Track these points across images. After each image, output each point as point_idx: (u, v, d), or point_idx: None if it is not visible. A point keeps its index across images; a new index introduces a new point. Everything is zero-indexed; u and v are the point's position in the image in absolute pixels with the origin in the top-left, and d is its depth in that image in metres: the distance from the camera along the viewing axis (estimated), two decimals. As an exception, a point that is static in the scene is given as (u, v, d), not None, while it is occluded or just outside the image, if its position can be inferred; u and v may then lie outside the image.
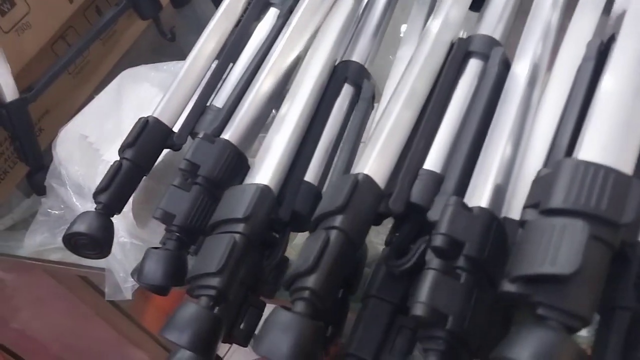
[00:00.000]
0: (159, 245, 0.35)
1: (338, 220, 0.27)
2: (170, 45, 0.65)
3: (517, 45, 0.35)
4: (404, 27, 0.47)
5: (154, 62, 0.57)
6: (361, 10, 0.45)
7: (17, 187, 0.62)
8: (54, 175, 0.49)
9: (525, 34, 0.35)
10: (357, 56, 0.42)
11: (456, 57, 0.35)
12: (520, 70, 0.33)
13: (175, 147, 0.40)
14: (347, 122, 0.39)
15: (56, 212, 0.50)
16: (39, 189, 0.57)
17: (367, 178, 0.28)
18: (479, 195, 0.27)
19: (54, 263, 0.50)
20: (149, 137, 0.39)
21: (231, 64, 0.43)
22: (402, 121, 0.32)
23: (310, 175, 0.36)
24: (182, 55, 0.45)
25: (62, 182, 0.47)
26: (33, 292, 0.69)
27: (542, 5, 0.36)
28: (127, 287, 0.43)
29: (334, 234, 0.26)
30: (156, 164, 0.40)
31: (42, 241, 0.50)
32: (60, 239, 0.50)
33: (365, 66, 0.42)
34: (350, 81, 0.40)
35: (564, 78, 0.31)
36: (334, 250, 0.26)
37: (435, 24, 0.35)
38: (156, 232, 0.42)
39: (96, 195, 0.37)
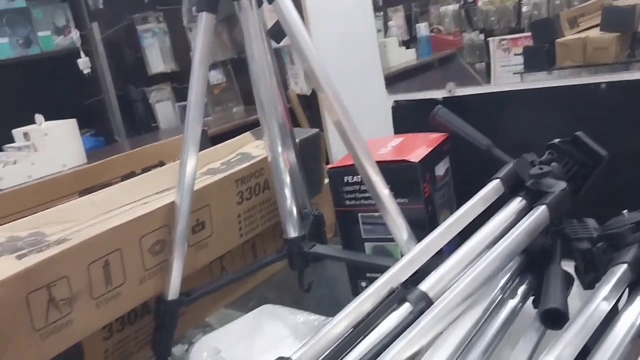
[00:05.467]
0: None
1: None
2: (295, 288, 0.76)
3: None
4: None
5: (278, 298, 0.67)
6: (477, 328, 0.54)
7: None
8: (184, 375, 0.57)
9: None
10: (465, 366, 0.49)
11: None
12: None
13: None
14: None
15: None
16: (156, 379, 0.66)
17: None
18: None
19: None
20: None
21: (362, 336, 0.52)
22: None
23: None
24: (300, 299, 0.52)
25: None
26: None
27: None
28: None
29: None
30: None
31: None
32: None
33: (471, 376, 0.49)
34: (456, 386, 0.47)
35: None
36: None
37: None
38: None
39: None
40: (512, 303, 0.59)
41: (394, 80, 1.49)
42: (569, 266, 0.64)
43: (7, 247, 0.59)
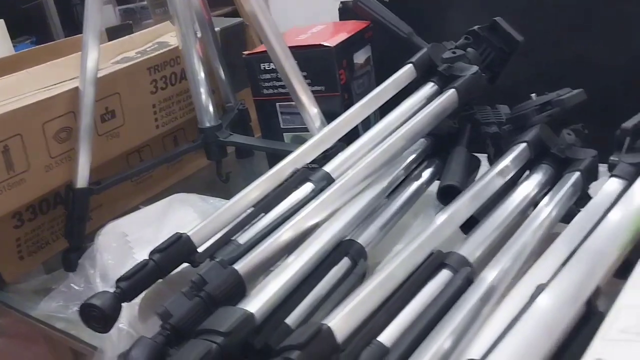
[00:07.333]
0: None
1: (294, 354, 0.33)
2: (222, 185, 0.76)
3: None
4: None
5: (203, 194, 0.67)
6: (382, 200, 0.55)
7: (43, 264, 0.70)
8: (89, 257, 0.57)
9: (494, 263, 0.43)
10: (362, 239, 0.51)
11: (432, 263, 0.43)
12: (478, 288, 0.40)
13: (194, 264, 0.48)
14: (337, 287, 0.47)
15: (77, 288, 0.57)
16: (69, 266, 0.66)
17: (329, 330, 0.35)
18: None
19: (56, 330, 0.56)
20: (176, 249, 0.47)
21: (263, 214, 0.52)
22: (373, 297, 0.39)
23: (292, 319, 0.42)
24: (228, 196, 0.54)
25: (93, 265, 0.55)
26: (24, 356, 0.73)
27: (517, 241, 0.45)
28: (111, 368, 0.48)
29: (288, 365, 0.33)
30: (174, 272, 0.48)
31: (55, 308, 0.57)
32: (70, 311, 0.58)
33: (366, 249, 0.50)
34: (350, 257, 0.49)
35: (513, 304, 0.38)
36: (284, 378, 0.32)
37: (422, 236, 0.45)
38: (152, 330, 0.48)
39: (119, 281, 0.45)
40: (416, 184, 0.60)
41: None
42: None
43: None
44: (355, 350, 0.36)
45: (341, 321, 0.37)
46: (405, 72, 0.64)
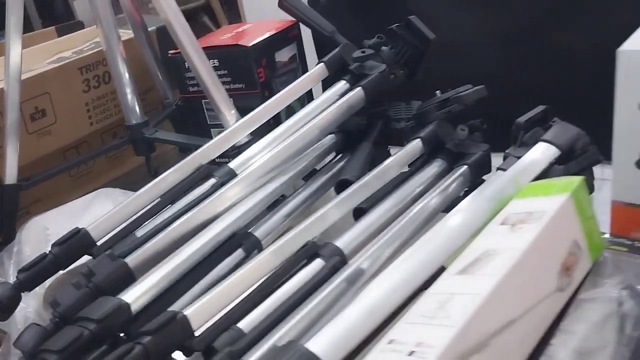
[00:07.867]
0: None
1: (146, 339, 0.36)
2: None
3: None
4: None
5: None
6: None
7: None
8: (7, 251, 0.60)
9: (365, 251, 0.46)
10: (260, 232, 0.54)
11: (305, 253, 0.46)
12: (341, 276, 0.43)
13: (95, 257, 0.51)
14: (227, 278, 0.50)
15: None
16: (0, 259, 0.69)
17: (184, 318, 0.39)
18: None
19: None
20: (75, 243, 0.50)
21: (165, 208, 0.55)
22: (237, 286, 0.42)
23: (175, 308, 0.45)
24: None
25: (10, 257, 0.59)
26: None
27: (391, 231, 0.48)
28: (16, 352, 0.52)
29: (137, 348, 0.36)
30: (76, 264, 0.51)
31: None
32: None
33: (263, 242, 0.53)
34: (244, 248, 0.52)
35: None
36: None
37: (299, 227, 0.48)
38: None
39: (19, 272, 0.48)
40: (323, 179, 0.62)
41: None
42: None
43: None
44: (210, 336, 0.39)
45: (199, 309, 0.40)
46: (316, 71, 0.67)
